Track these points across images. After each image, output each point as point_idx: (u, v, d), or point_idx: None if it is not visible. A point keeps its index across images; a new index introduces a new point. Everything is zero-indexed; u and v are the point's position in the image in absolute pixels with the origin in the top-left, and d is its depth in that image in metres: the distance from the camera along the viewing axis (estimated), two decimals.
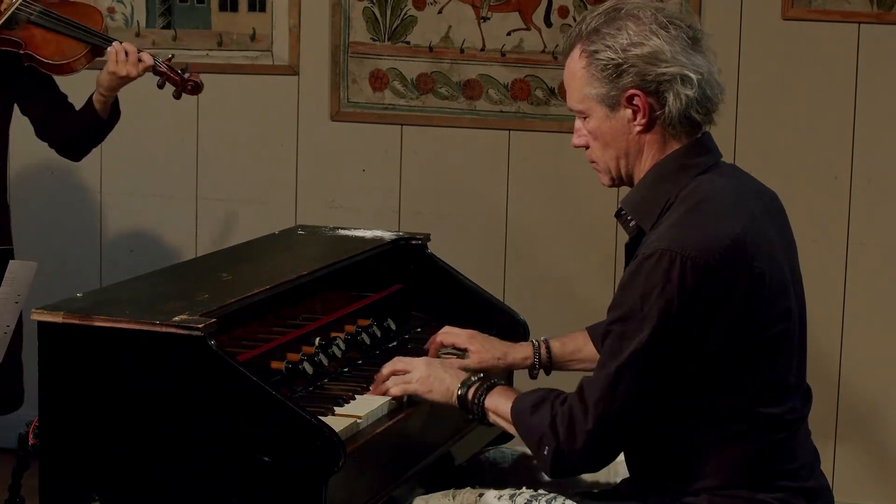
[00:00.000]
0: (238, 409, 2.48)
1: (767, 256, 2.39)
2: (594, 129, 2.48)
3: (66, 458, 2.59)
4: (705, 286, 2.31)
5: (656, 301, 2.31)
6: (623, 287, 2.38)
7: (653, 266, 2.32)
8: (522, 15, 4.25)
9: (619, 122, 2.45)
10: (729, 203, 2.42)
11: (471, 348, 2.91)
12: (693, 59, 2.42)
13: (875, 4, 3.99)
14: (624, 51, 2.41)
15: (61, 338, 2.57)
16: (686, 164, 2.45)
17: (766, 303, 2.36)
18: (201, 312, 2.55)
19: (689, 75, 2.40)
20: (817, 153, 4.11)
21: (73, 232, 4.70)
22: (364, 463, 2.59)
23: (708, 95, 2.43)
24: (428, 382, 2.65)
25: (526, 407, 2.49)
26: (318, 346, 2.88)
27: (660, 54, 2.40)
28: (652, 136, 2.45)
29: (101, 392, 2.57)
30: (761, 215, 2.46)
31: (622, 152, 2.48)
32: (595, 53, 2.43)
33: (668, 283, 2.30)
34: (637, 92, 2.41)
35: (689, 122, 2.44)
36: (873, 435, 4.18)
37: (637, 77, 2.41)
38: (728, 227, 2.36)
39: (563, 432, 2.39)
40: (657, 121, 2.44)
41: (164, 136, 4.59)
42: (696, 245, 2.32)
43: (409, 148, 4.40)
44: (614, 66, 2.41)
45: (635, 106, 2.43)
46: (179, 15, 4.53)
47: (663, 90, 2.41)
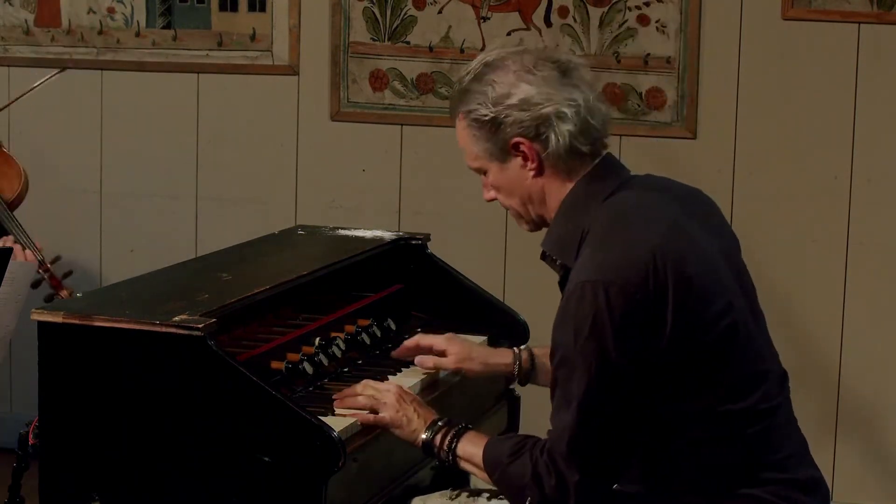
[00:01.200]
0: (238, 409, 2.48)
1: (694, 258, 2.37)
2: (495, 182, 2.55)
3: (66, 458, 2.59)
4: (635, 307, 2.29)
5: (590, 335, 2.29)
6: (556, 327, 2.38)
7: (578, 301, 2.31)
8: (522, 15, 4.25)
9: (513, 171, 2.51)
10: (642, 217, 2.42)
11: (449, 350, 2.88)
12: (565, 94, 2.45)
13: (875, 4, 3.99)
14: (496, 104, 2.46)
15: (61, 338, 2.57)
16: (591, 192, 2.47)
17: (701, 304, 2.34)
18: (201, 312, 2.55)
19: (564, 111, 2.44)
20: (817, 153, 4.11)
21: (73, 232, 4.70)
22: (364, 463, 2.59)
23: (591, 124, 2.46)
24: (396, 418, 2.59)
25: (502, 455, 2.45)
26: (318, 346, 2.88)
27: (530, 98, 2.44)
28: (547, 177, 2.49)
29: (101, 392, 2.57)
30: (681, 217, 2.44)
31: (525, 198, 2.52)
32: (470, 113, 2.50)
33: (598, 314, 2.29)
34: (520, 139, 2.46)
35: (577, 155, 2.47)
36: (873, 435, 4.17)
37: (515, 126, 2.45)
38: (644, 241, 2.35)
39: (550, 486, 2.36)
40: (546, 161, 2.47)
41: (164, 136, 4.59)
42: (615, 269, 2.31)
43: (409, 148, 4.40)
44: (491, 121, 2.47)
45: (522, 153, 2.47)
46: (179, 15, 4.53)
47: (543, 132, 2.44)
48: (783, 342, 2.59)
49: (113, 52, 4.59)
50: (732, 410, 2.38)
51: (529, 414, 3.24)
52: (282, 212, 4.47)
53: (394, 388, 2.66)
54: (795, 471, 2.45)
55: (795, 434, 2.53)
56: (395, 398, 2.61)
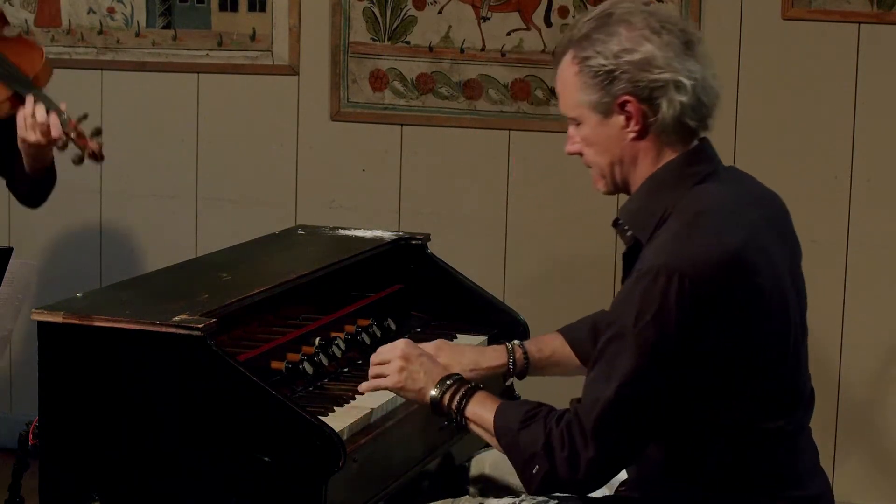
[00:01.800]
0: (238, 409, 2.48)
1: (767, 269, 2.35)
2: (587, 136, 2.45)
3: (66, 458, 2.59)
4: (703, 304, 2.26)
5: (653, 319, 2.26)
6: (619, 303, 2.34)
7: (649, 283, 2.27)
8: (522, 15, 4.25)
9: (612, 129, 2.42)
10: (728, 215, 2.38)
11: (439, 360, 2.75)
12: (686, 65, 2.38)
13: (875, 4, 3.99)
14: (616, 57, 2.37)
15: (61, 338, 2.58)
16: (683, 174, 2.41)
17: (765, 316, 2.32)
18: (201, 312, 2.56)
19: (683, 81, 2.37)
20: (817, 153, 4.10)
21: (73, 232, 4.70)
22: (364, 463, 2.59)
23: (702, 101, 2.40)
24: (400, 379, 2.53)
25: (514, 421, 2.39)
26: (318, 346, 2.88)
27: (652, 60, 2.36)
28: (646, 143, 2.41)
29: (101, 392, 2.57)
30: (762, 224, 2.42)
31: (616, 159, 2.44)
32: (586, 60, 2.40)
33: (665, 300, 2.25)
34: (629, 98, 2.38)
35: (683, 129, 2.41)
36: (873, 435, 4.17)
37: (629, 84, 2.37)
38: (727, 241, 2.31)
39: (560, 459, 2.31)
40: (651, 128, 2.40)
41: (164, 136, 4.59)
42: (693, 261, 2.27)
43: (409, 148, 4.40)
44: (606, 73, 2.38)
45: (628, 112, 2.39)
46: (179, 15, 4.53)
47: (656, 97, 2.37)
48: None
49: (113, 52, 4.59)
50: (766, 429, 2.37)
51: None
52: (282, 212, 4.47)
53: (400, 347, 2.58)
54: (809, 486, 2.45)
55: (811, 446, 2.52)
56: (399, 357, 2.55)
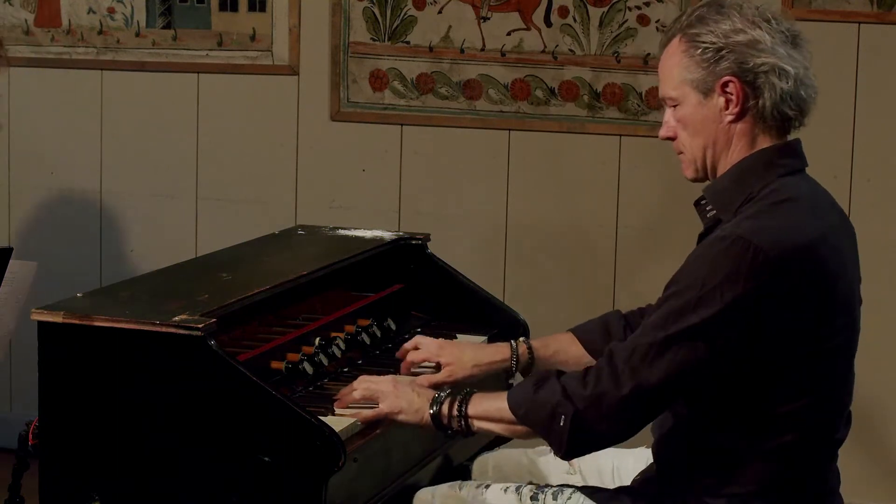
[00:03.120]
0: (238, 409, 2.48)
1: (840, 268, 2.37)
2: (684, 116, 2.48)
3: (66, 458, 2.59)
4: (773, 280, 2.27)
5: (721, 283, 2.27)
6: (689, 263, 2.36)
7: (724, 249, 2.29)
8: (522, 15, 4.25)
9: (710, 111, 2.44)
10: (811, 208, 2.41)
11: (441, 361, 2.81)
12: (792, 53, 2.42)
13: (875, 4, 3.99)
14: (725, 36, 2.41)
15: (61, 338, 2.57)
16: (773, 163, 2.44)
17: (830, 313, 2.34)
18: (201, 312, 2.55)
19: (787, 68, 2.40)
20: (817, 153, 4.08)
21: (73, 232, 4.70)
22: (364, 463, 2.59)
23: (801, 93, 2.43)
24: (396, 404, 2.57)
25: (527, 389, 2.43)
26: (318, 346, 2.88)
27: (760, 43, 2.40)
28: (742, 126, 2.44)
29: (101, 392, 2.57)
30: (839, 230, 2.45)
31: (710, 141, 2.46)
32: (696, 36, 2.43)
33: (738, 268, 2.27)
34: (733, 79, 2.41)
35: (780, 118, 2.44)
36: (875, 435, 4.17)
37: (735, 64, 2.40)
38: (808, 228, 2.34)
39: (585, 397, 2.33)
40: (749, 111, 2.43)
41: (164, 136, 4.59)
42: (772, 238, 2.29)
43: (409, 148, 4.40)
44: (715, 50, 2.41)
45: (729, 94, 2.42)
46: (179, 15, 4.53)
47: (759, 80, 2.40)
48: None
49: (113, 52, 4.59)
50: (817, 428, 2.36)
51: None
52: (282, 212, 4.47)
53: (389, 377, 2.65)
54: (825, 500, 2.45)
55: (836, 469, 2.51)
56: (391, 386, 2.59)
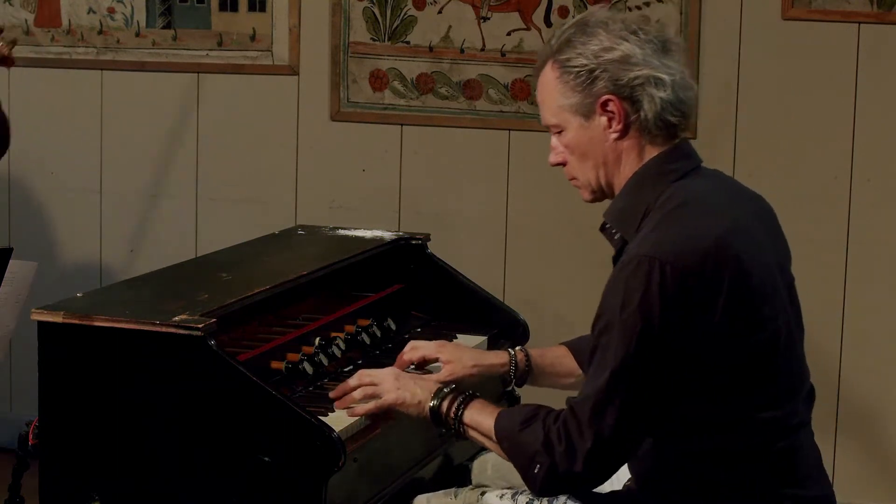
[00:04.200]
0: (238, 409, 2.48)
1: (754, 259, 2.35)
2: (570, 141, 2.48)
3: (66, 458, 2.59)
4: (687, 290, 2.27)
5: (637, 308, 2.27)
6: (604, 297, 2.36)
7: (631, 273, 2.29)
8: (522, 15, 4.25)
9: (594, 131, 2.45)
10: (710, 205, 2.40)
11: (441, 358, 2.82)
12: (664, 62, 2.42)
13: (875, 4, 3.99)
14: (596, 56, 2.41)
15: (61, 338, 2.58)
16: (664, 170, 2.43)
17: (752, 304, 2.33)
18: (201, 312, 2.56)
19: (662, 77, 2.40)
20: (817, 153, 4.10)
21: (73, 232, 4.70)
22: (364, 463, 2.59)
23: (682, 98, 2.43)
24: (398, 395, 2.57)
25: (514, 423, 2.42)
26: (318, 346, 2.88)
27: (631, 57, 2.40)
28: (629, 142, 2.44)
29: (101, 392, 2.57)
30: (747, 217, 2.43)
31: (600, 161, 2.47)
32: (567, 62, 2.43)
33: (649, 289, 2.27)
34: (611, 97, 2.41)
35: (665, 126, 2.43)
36: (873, 435, 4.17)
37: (610, 82, 2.40)
38: (709, 229, 2.33)
39: (559, 452, 2.33)
40: (633, 126, 2.43)
41: (164, 136, 4.59)
42: (675, 249, 2.29)
43: (409, 148, 4.40)
44: (587, 73, 2.41)
45: (610, 112, 2.42)
46: (179, 15, 4.53)
47: (637, 94, 2.40)
48: None
49: (113, 52, 4.59)
50: (762, 420, 2.36)
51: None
52: (282, 212, 4.47)
53: (389, 370, 2.65)
54: (812, 488, 2.44)
55: (815, 450, 2.51)
56: (392, 378, 2.60)
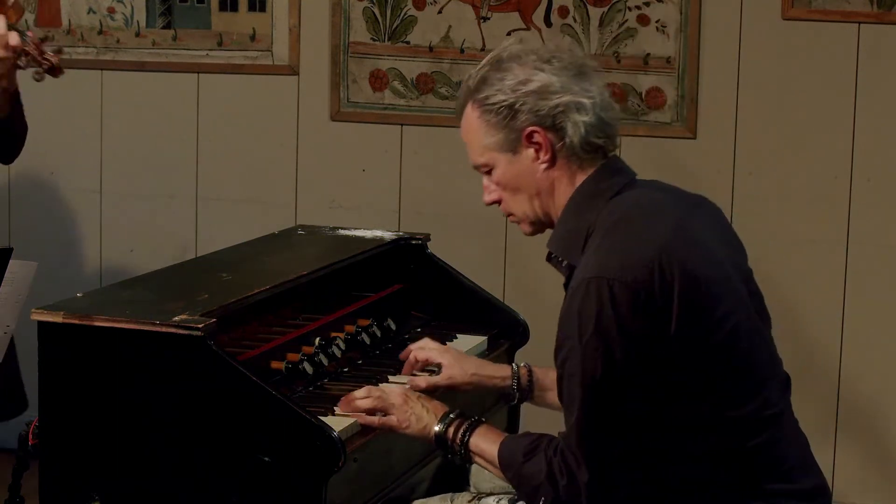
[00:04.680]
0: (238, 409, 2.48)
1: (701, 259, 2.35)
2: (501, 178, 2.49)
3: (66, 458, 2.59)
4: (639, 304, 2.27)
5: (595, 332, 2.28)
6: (560, 326, 2.36)
7: (582, 298, 2.29)
8: (522, 15, 4.25)
9: (523, 165, 2.46)
10: (649, 216, 2.40)
11: (443, 362, 2.83)
12: (582, 86, 2.43)
13: (875, 4, 3.99)
14: (514, 90, 2.42)
15: (61, 338, 2.57)
16: (598, 190, 2.44)
17: (707, 305, 2.32)
18: (201, 312, 2.56)
19: (582, 101, 2.41)
20: (817, 153, 4.11)
21: (73, 232, 4.70)
22: (364, 463, 2.59)
23: (604, 119, 2.44)
24: (406, 418, 2.57)
25: (517, 453, 2.43)
26: (318, 346, 2.88)
27: (549, 87, 2.41)
28: (558, 170, 2.45)
29: (101, 392, 2.57)
30: (689, 221, 2.43)
31: (533, 193, 2.48)
32: (486, 100, 2.44)
33: (602, 310, 2.27)
34: (535, 128, 2.42)
35: (591, 149, 2.44)
36: (873, 435, 4.18)
37: (532, 114, 2.41)
38: (650, 239, 2.33)
39: (563, 486, 2.35)
40: (560, 153, 2.44)
41: (164, 136, 4.59)
42: (620, 265, 2.29)
43: (409, 148, 4.40)
44: (507, 108, 2.42)
45: (536, 143, 2.43)
46: (179, 15, 4.53)
47: (560, 122, 2.41)
48: (783, 342, 2.59)
49: (113, 52, 4.60)
50: (734, 417, 2.36)
51: (529, 414, 3.23)
52: (282, 212, 4.47)
53: (398, 388, 2.65)
54: (800, 480, 2.43)
55: (799, 439, 2.50)
56: (402, 398, 2.60)
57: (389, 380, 2.84)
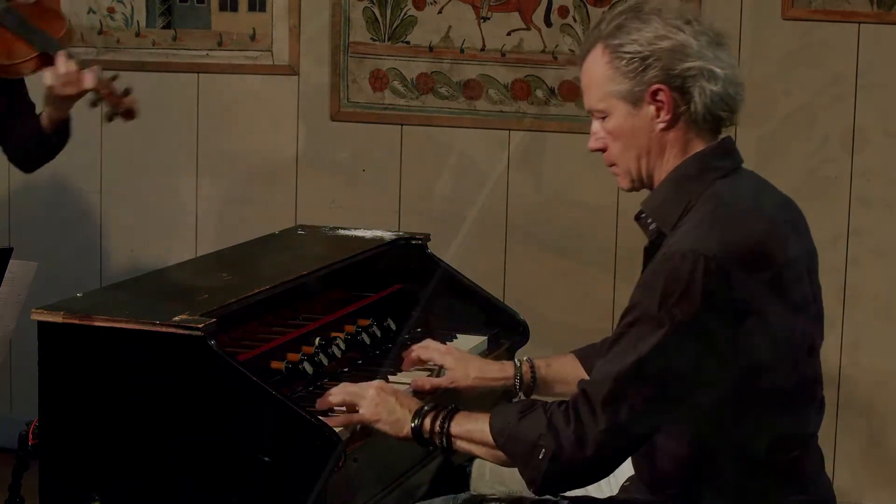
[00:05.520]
0: (238, 409, 2.48)
1: (789, 264, 2.35)
2: (615, 128, 2.42)
3: (66, 458, 2.59)
4: (728, 289, 2.25)
5: (678, 302, 2.24)
6: (642, 287, 2.32)
7: (675, 267, 2.26)
8: (522, 15, 4.25)
9: (641, 120, 2.40)
10: (752, 208, 2.38)
11: (445, 364, 2.80)
12: (717, 54, 2.39)
13: (875, 4, 3.99)
14: (650, 44, 2.36)
15: (61, 338, 2.57)
16: (708, 167, 2.40)
17: (785, 312, 2.32)
18: (201, 312, 2.55)
19: (715, 70, 2.37)
20: (817, 153, 4.11)
21: (73, 232, 4.70)
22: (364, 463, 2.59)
23: (731, 93, 2.41)
24: (376, 412, 2.51)
25: (511, 416, 2.38)
26: (318, 346, 2.88)
27: (686, 48, 2.36)
28: (675, 133, 2.40)
29: (101, 392, 2.57)
30: (783, 223, 2.42)
31: (643, 151, 2.42)
32: (620, 47, 2.38)
33: (692, 283, 2.24)
34: (662, 87, 2.37)
35: (713, 120, 2.41)
36: (873, 435, 4.17)
37: (662, 71, 2.36)
38: (752, 230, 2.32)
39: (567, 435, 2.28)
40: (681, 117, 2.39)
41: (164, 136, 4.59)
42: (719, 247, 2.27)
43: (409, 148, 4.40)
44: (640, 59, 2.36)
45: (659, 102, 2.38)
46: (179, 15, 4.53)
47: (688, 85, 2.37)
48: None
49: (113, 52, 4.59)
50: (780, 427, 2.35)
51: None
52: (282, 212, 4.47)
53: (374, 383, 2.59)
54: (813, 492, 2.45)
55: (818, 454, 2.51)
56: (374, 392, 2.54)
57: (389, 380, 2.84)
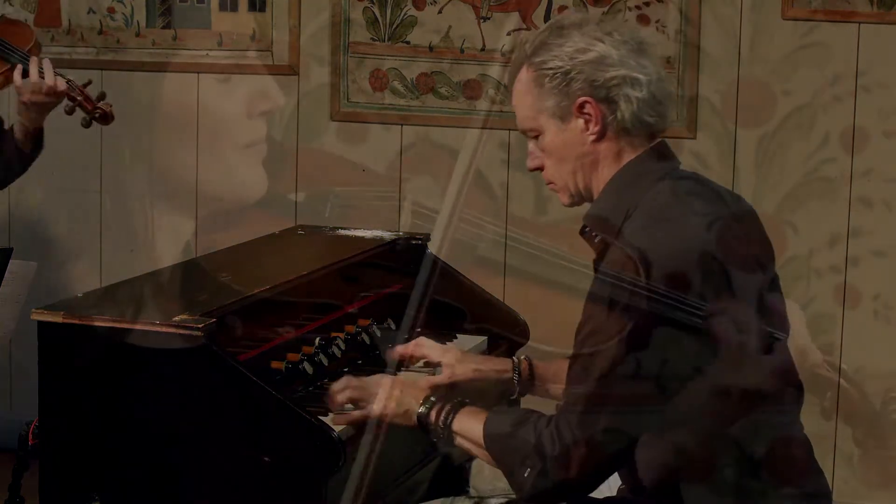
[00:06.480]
0: (238, 408, 2.48)
1: (736, 259, 2.34)
2: (548, 145, 2.46)
3: (66, 458, 2.59)
4: (674, 290, 2.26)
5: (626, 308, 2.26)
6: (589, 302, 2.34)
7: (618, 273, 2.28)
8: (522, 15, 4.25)
9: (572, 134, 2.43)
10: (693, 207, 2.38)
11: (443, 361, 2.80)
12: (640, 61, 2.41)
13: (875, 4, 3.99)
14: (571, 58, 2.39)
15: (61, 338, 2.57)
16: (644, 171, 2.42)
17: (736, 306, 2.31)
18: (201, 312, 2.55)
19: (638, 77, 2.39)
20: (817, 153, 4.11)
21: (73, 232, 4.70)
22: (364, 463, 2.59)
23: (658, 98, 2.42)
24: (385, 404, 2.53)
25: (503, 426, 2.40)
26: (318, 346, 2.88)
27: (607, 58, 2.39)
28: (606, 144, 2.42)
29: (101, 392, 2.57)
30: (728, 218, 2.42)
31: (578, 165, 2.45)
32: (543, 65, 2.41)
33: (637, 289, 2.25)
34: (588, 99, 2.39)
35: (643, 126, 2.42)
36: (873, 435, 4.17)
37: (586, 83, 2.39)
38: (694, 230, 2.32)
39: (552, 458, 2.31)
40: (610, 127, 2.41)
41: (163, 136, 4.59)
42: (661, 248, 2.28)
43: (409, 148, 4.40)
44: (563, 74, 2.39)
45: (587, 114, 2.40)
46: (179, 15, 4.53)
47: (613, 95, 2.39)
48: None
49: (113, 52, 4.59)
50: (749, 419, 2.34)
51: None
52: (282, 212, 4.46)
53: (377, 376, 2.61)
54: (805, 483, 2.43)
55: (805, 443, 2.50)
56: (380, 385, 2.55)
57: None
